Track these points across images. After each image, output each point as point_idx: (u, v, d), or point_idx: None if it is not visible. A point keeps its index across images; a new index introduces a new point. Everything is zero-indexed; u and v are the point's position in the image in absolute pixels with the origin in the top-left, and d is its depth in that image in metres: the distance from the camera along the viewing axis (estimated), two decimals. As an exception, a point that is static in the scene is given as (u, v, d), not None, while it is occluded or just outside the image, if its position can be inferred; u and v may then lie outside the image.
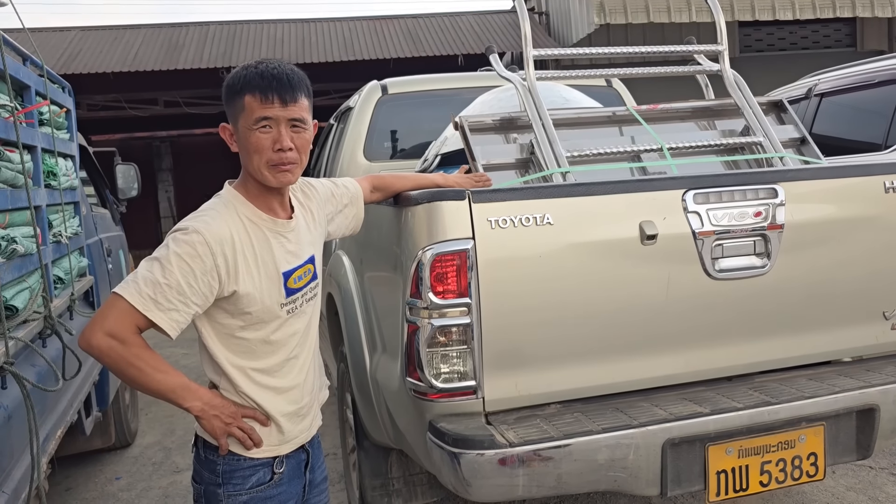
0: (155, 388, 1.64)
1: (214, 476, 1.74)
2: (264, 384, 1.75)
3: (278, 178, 1.71)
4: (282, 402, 1.78)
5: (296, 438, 1.83)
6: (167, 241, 1.65)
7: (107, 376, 3.78)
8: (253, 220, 1.73)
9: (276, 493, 1.78)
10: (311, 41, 12.87)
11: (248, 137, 1.69)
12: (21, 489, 2.10)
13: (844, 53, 12.07)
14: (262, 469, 1.76)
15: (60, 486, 4.05)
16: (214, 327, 1.72)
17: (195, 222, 1.66)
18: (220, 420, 1.69)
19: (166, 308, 1.60)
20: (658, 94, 3.54)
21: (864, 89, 4.90)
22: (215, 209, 1.72)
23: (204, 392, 1.71)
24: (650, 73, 3.12)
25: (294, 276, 1.77)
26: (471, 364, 2.12)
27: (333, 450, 3.75)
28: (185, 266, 1.61)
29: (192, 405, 1.67)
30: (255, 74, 1.67)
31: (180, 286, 1.60)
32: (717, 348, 2.36)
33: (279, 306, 1.74)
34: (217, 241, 1.64)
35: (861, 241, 2.45)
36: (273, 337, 1.75)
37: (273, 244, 1.75)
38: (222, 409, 1.70)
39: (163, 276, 1.60)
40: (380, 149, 3.92)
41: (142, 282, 1.60)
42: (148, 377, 1.63)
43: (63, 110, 3.44)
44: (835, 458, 2.34)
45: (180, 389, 1.66)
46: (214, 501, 1.75)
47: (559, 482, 2.07)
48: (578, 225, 2.19)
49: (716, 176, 2.44)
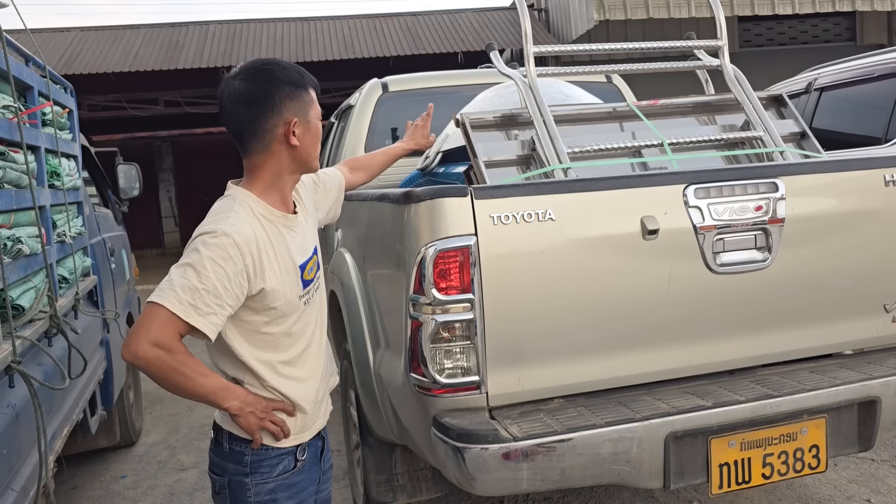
0: (199, 392, 1.69)
1: (242, 466, 1.78)
2: (289, 375, 1.80)
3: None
4: (306, 390, 1.84)
5: (315, 424, 1.90)
6: (196, 245, 1.66)
7: (111, 375, 3.79)
8: (268, 218, 1.77)
9: (300, 480, 1.84)
10: (311, 40, 12.88)
11: (319, 127, 1.83)
12: (29, 487, 2.11)
13: (844, 47, 12.07)
14: (287, 457, 1.82)
15: (66, 484, 4.07)
16: (238, 325, 1.74)
17: (222, 225, 1.67)
18: (255, 416, 1.74)
19: (206, 312, 1.63)
20: (658, 90, 3.54)
21: (864, 83, 4.90)
22: (235, 210, 1.73)
23: (240, 391, 1.75)
24: (650, 68, 3.12)
25: (308, 268, 1.83)
26: (474, 359, 2.14)
27: (337, 446, 3.76)
28: (220, 269, 1.63)
29: (231, 405, 1.71)
30: (299, 72, 1.81)
31: (216, 290, 1.63)
32: (719, 342, 2.38)
33: (298, 298, 1.80)
34: (245, 242, 1.67)
35: (861, 235, 2.46)
36: (294, 329, 1.81)
37: (287, 239, 1.79)
38: (256, 406, 1.75)
39: (199, 282, 1.62)
40: (381, 146, 3.92)
41: (179, 289, 1.62)
42: (193, 382, 1.66)
43: (65, 111, 3.45)
44: (837, 451, 2.35)
45: (220, 391, 1.71)
46: (241, 491, 1.79)
47: (563, 476, 2.08)
48: (580, 220, 2.20)
49: (717, 171, 2.44)
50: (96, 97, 12.68)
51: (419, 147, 2.77)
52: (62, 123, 3.37)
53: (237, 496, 1.80)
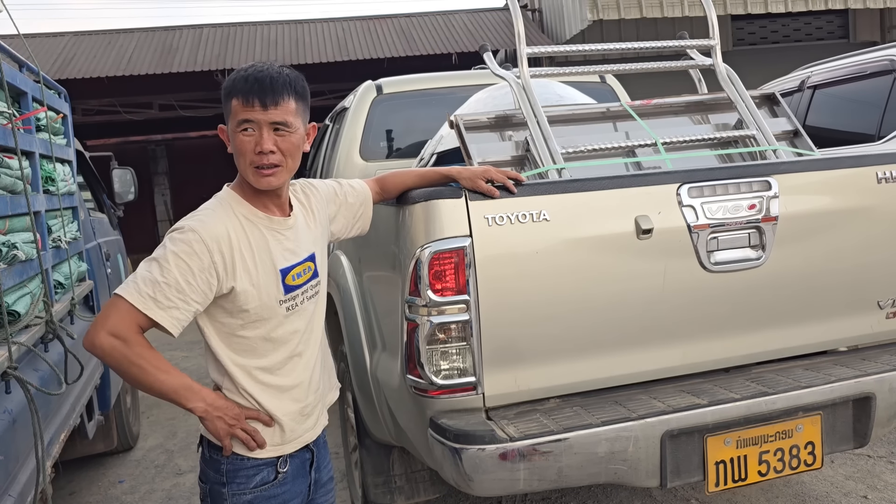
0: (158, 388, 1.66)
1: (219, 475, 1.76)
2: (267, 382, 1.77)
3: (261, 181, 1.72)
4: (285, 401, 1.79)
5: (299, 438, 1.84)
6: (164, 241, 1.68)
7: (108, 380, 3.79)
8: (249, 219, 1.76)
9: (281, 492, 1.80)
10: (305, 42, 12.86)
11: (234, 140, 1.72)
12: (27, 493, 2.11)
13: (837, 45, 12.09)
14: (266, 468, 1.78)
15: (64, 489, 4.06)
16: (216, 327, 1.74)
17: (191, 221, 1.70)
18: (223, 421, 1.70)
19: (166, 306, 1.63)
20: (652, 90, 3.55)
21: (856, 81, 4.92)
22: (211, 208, 1.75)
23: (207, 393, 1.72)
24: (644, 68, 3.13)
25: (292, 273, 1.79)
26: (470, 360, 2.14)
27: (335, 449, 3.77)
28: (183, 264, 1.64)
29: (195, 406, 1.69)
30: (241, 78, 1.71)
31: (179, 284, 1.63)
32: (714, 340, 2.39)
33: (278, 303, 1.76)
34: (213, 239, 1.67)
35: (855, 232, 2.47)
36: (274, 334, 1.77)
37: (270, 242, 1.77)
38: (226, 411, 1.71)
39: (161, 275, 1.63)
40: (376, 148, 3.93)
41: (141, 282, 1.64)
42: (150, 377, 1.64)
43: (60, 116, 3.45)
44: (832, 447, 2.36)
45: (183, 390, 1.68)
46: (219, 500, 1.77)
47: (560, 475, 2.09)
48: (575, 221, 2.21)
49: (710, 170, 2.45)
50: (90, 101, 12.65)
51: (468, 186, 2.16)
52: (56, 129, 3.36)
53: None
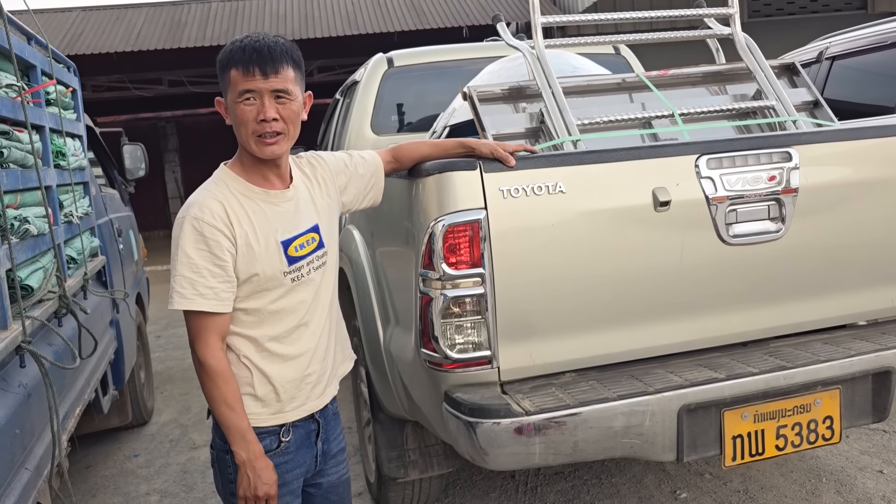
0: (217, 417, 1.76)
1: (224, 442, 1.78)
2: (272, 350, 1.80)
3: (264, 150, 1.74)
4: (287, 369, 1.82)
5: (303, 406, 1.85)
6: (176, 244, 1.72)
7: (122, 355, 3.81)
8: (245, 194, 1.78)
9: (283, 461, 1.82)
10: (314, 16, 12.74)
11: (234, 110, 1.73)
12: (43, 466, 2.12)
13: (855, 16, 11.89)
14: (269, 437, 1.81)
15: (80, 463, 4.11)
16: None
17: (190, 211, 1.73)
18: (249, 481, 1.73)
19: (211, 297, 1.70)
20: (666, 61, 3.49)
21: (876, 51, 4.82)
22: (205, 189, 1.79)
23: (256, 447, 1.75)
24: (660, 38, 3.07)
25: (295, 245, 1.80)
26: (485, 334, 2.12)
27: (348, 423, 3.78)
28: (204, 252, 1.70)
29: (237, 452, 1.74)
30: (239, 49, 1.72)
31: (212, 270, 1.70)
32: (732, 314, 2.36)
33: (282, 274, 1.78)
34: (216, 217, 1.71)
35: (876, 204, 2.43)
36: (278, 305, 1.79)
37: (269, 214, 1.78)
38: (261, 473, 1.74)
39: (193, 273, 1.69)
40: (387, 122, 3.90)
41: (181, 288, 1.70)
42: (216, 404, 1.74)
43: (69, 90, 3.43)
44: (850, 422, 2.34)
45: (235, 432, 1.74)
46: (224, 466, 1.81)
47: (575, 449, 2.07)
48: (591, 193, 2.17)
49: (729, 140, 2.41)
50: (99, 78, 12.64)
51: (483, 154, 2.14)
52: (66, 103, 3.34)
53: (221, 470, 1.83)
